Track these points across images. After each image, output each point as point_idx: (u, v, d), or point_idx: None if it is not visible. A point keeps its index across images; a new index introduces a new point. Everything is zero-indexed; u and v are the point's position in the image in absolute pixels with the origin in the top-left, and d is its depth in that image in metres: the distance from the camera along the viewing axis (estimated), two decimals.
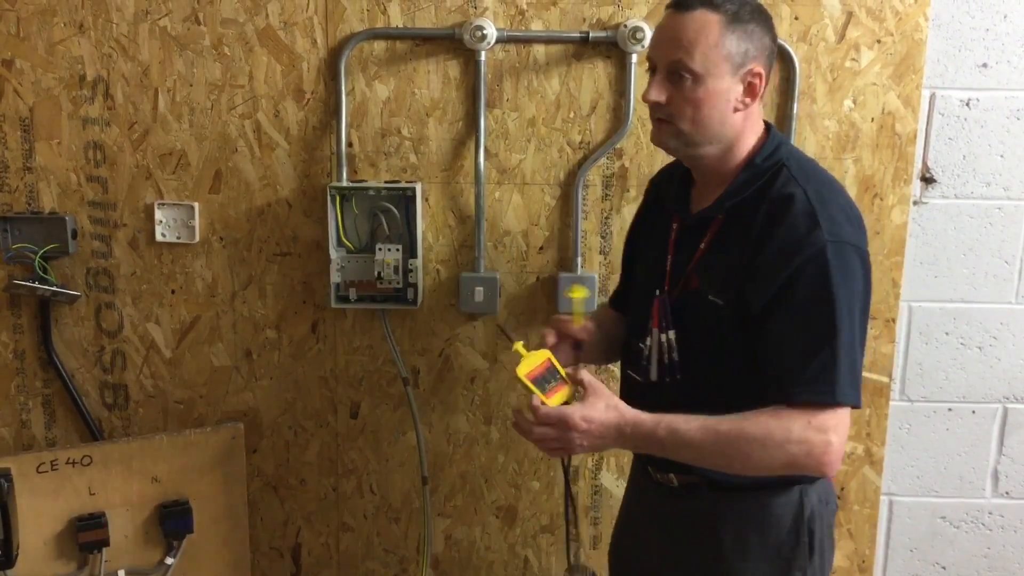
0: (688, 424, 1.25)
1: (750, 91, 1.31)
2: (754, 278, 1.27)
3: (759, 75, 1.30)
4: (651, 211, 1.56)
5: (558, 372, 1.33)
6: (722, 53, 1.27)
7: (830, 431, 1.22)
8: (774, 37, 1.34)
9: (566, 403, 1.32)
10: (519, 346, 1.35)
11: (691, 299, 1.36)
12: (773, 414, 1.23)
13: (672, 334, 1.38)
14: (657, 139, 1.37)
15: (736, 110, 1.31)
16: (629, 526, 1.63)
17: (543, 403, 1.30)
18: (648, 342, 1.41)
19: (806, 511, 1.38)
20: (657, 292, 1.41)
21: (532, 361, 1.33)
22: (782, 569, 1.39)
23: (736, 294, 1.29)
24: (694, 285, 1.36)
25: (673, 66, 1.29)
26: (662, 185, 1.54)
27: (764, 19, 1.31)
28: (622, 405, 1.29)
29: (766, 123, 1.39)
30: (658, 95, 1.31)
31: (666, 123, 1.33)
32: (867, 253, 1.28)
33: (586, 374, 1.33)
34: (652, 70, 1.33)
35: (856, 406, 1.25)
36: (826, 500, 1.42)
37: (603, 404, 1.28)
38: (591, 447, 1.29)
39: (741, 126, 1.33)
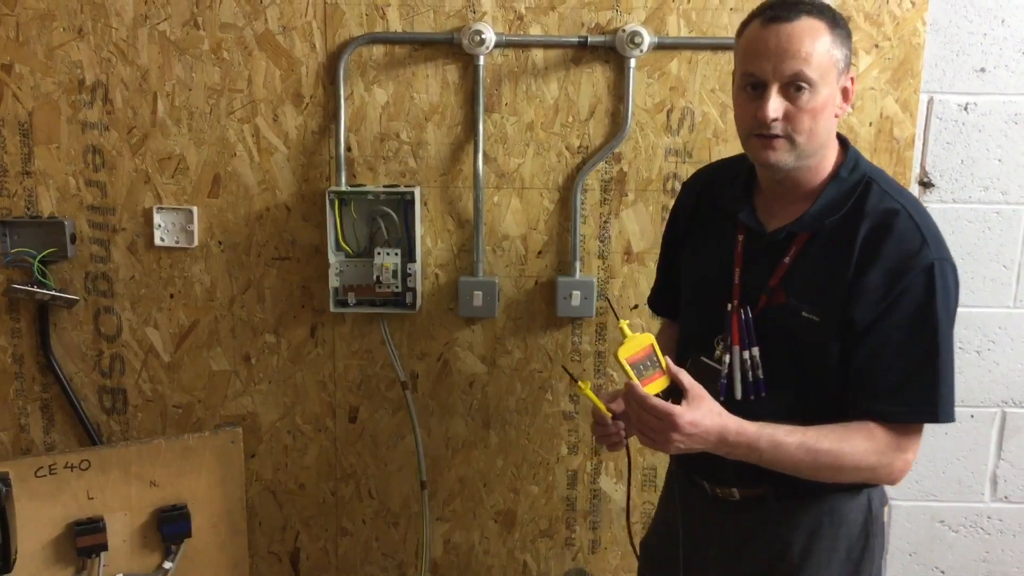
0: (789, 438, 1.25)
1: (845, 96, 1.29)
2: (861, 296, 1.25)
3: (853, 79, 1.29)
4: (699, 217, 1.49)
5: (658, 361, 1.29)
6: (832, 59, 1.24)
7: (910, 450, 1.27)
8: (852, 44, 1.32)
9: (659, 395, 1.28)
10: (624, 324, 1.30)
11: (779, 315, 1.32)
12: (868, 435, 1.25)
13: (755, 351, 1.34)
14: (769, 158, 1.27)
15: (835, 116, 1.28)
16: (672, 543, 1.52)
17: (646, 392, 1.26)
18: (727, 359, 1.36)
19: (873, 512, 1.39)
20: (729, 307, 1.36)
21: (635, 344, 1.28)
22: (851, 571, 1.39)
23: (839, 311, 1.27)
24: (780, 300, 1.32)
25: (791, 78, 1.23)
26: (711, 191, 1.47)
27: (847, 25, 1.29)
28: (725, 412, 1.27)
29: (840, 136, 1.36)
30: (776, 111, 1.24)
31: (779, 139, 1.26)
32: (957, 270, 1.29)
33: (686, 375, 1.28)
34: (755, 86, 1.26)
35: (952, 420, 1.28)
36: (883, 500, 1.43)
37: (707, 409, 1.26)
38: (686, 449, 1.26)
39: (833, 134, 1.31)
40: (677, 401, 1.26)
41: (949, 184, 1.92)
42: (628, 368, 1.27)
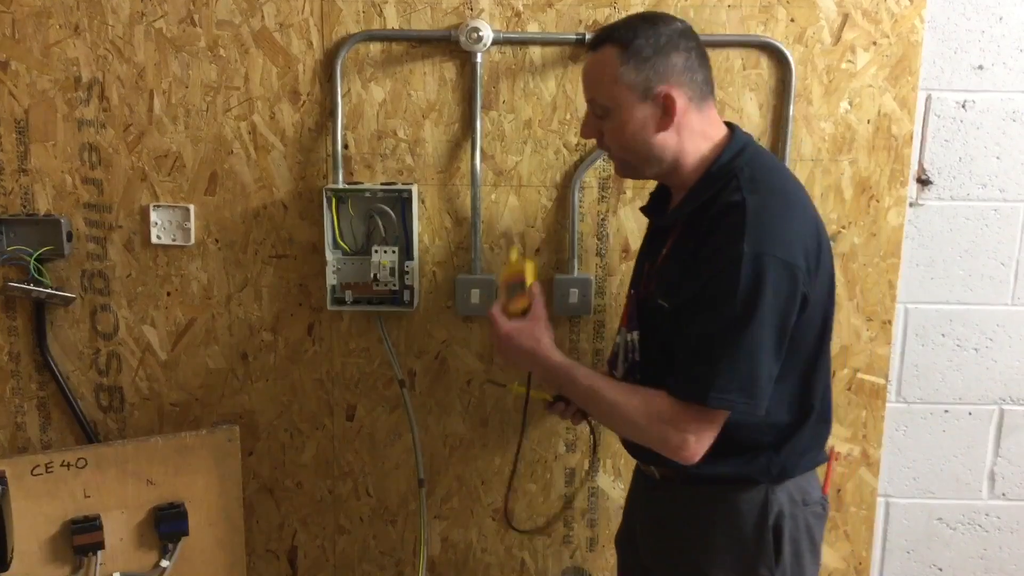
0: (583, 380, 1.39)
1: (667, 112, 1.35)
2: (683, 282, 1.34)
3: (669, 96, 1.34)
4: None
5: (524, 283, 1.49)
6: (623, 84, 1.34)
7: (688, 430, 1.30)
8: (689, 55, 1.35)
9: (524, 313, 1.48)
10: (514, 250, 1.54)
11: (647, 302, 1.44)
12: (649, 399, 1.34)
13: (635, 335, 1.47)
14: (616, 171, 1.49)
15: (660, 130, 1.36)
16: (626, 518, 1.72)
17: (498, 306, 1.50)
18: (618, 339, 1.52)
19: (772, 509, 1.40)
20: (632, 292, 1.52)
21: (513, 268, 1.51)
22: (747, 567, 1.42)
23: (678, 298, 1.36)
24: (651, 289, 1.44)
25: (590, 104, 1.41)
26: (654, 192, 1.60)
27: (671, 43, 1.34)
28: (545, 338, 1.44)
29: (732, 128, 1.42)
30: (587, 133, 1.44)
31: (614, 155, 1.44)
32: (798, 267, 1.28)
33: (538, 301, 1.48)
34: None
35: (739, 410, 1.29)
36: (802, 500, 1.43)
37: (531, 329, 1.44)
38: (509, 362, 1.51)
39: (676, 143, 1.38)
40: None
41: (947, 181, 1.92)
42: (502, 288, 1.49)
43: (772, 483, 1.41)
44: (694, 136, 1.38)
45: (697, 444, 1.31)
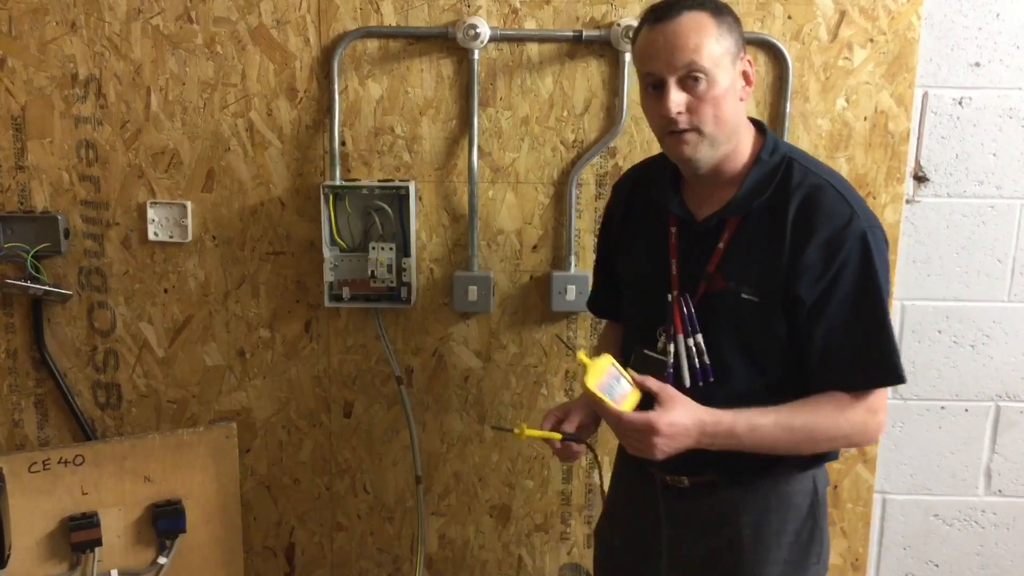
0: (763, 419, 1.29)
1: (746, 79, 1.33)
2: (802, 274, 1.29)
3: (750, 62, 1.33)
4: (632, 215, 1.52)
5: (624, 377, 1.31)
6: (722, 47, 1.28)
7: (881, 410, 1.32)
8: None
9: (637, 407, 1.31)
10: (582, 355, 1.30)
11: (720, 300, 1.35)
12: (837, 405, 1.30)
13: (699, 337, 1.37)
14: (684, 152, 1.32)
15: (741, 100, 1.33)
16: (624, 531, 1.57)
17: (619, 411, 1.28)
18: (672, 349, 1.39)
19: (819, 494, 1.42)
20: (669, 298, 1.38)
21: (598, 369, 1.29)
22: (800, 553, 1.41)
23: (779, 290, 1.30)
24: (720, 285, 1.35)
25: (685, 70, 1.27)
26: (642, 188, 1.51)
27: (732, 10, 1.34)
28: (698, 405, 1.30)
29: (752, 119, 1.40)
30: (678, 105, 1.28)
31: (690, 132, 1.30)
32: (885, 232, 1.33)
33: (653, 381, 1.31)
34: (655, 86, 1.31)
35: (905, 380, 1.32)
36: (826, 482, 1.46)
37: (681, 406, 1.29)
38: (672, 451, 1.28)
39: (743, 118, 1.35)
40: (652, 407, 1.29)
41: (944, 178, 1.92)
42: (601, 395, 1.28)
43: (817, 468, 1.42)
44: (746, 117, 1.37)
45: (885, 419, 1.34)
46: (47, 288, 1.88)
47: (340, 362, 1.97)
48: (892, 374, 1.31)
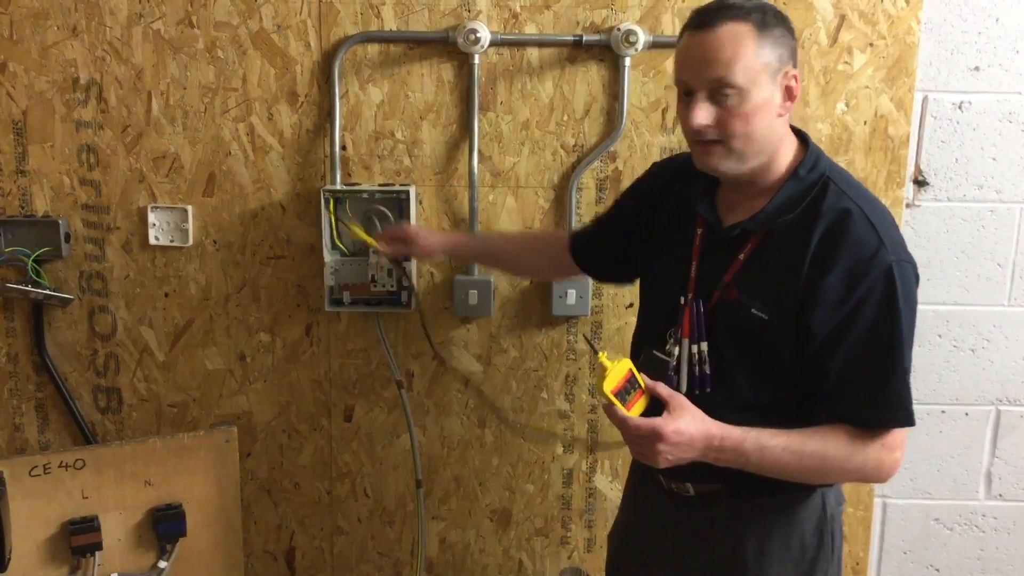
0: (774, 441, 1.26)
1: (789, 95, 1.28)
2: (818, 300, 1.25)
3: (795, 77, 1.28)
4: (665, 205, 1.48)
5: (637, 382, 1.30)
6: (761, 62, 1.23)
7: (898, 448, 1.28)
8: (795, 37, 1.30)
9: (645, 412, 1.30)
10: (604, 358, 1.29)
11: (730, 311, 1.33)
12: (852, 438, 1.26)
13: (704, 345, 1.35)
14: (707, 163, 1.30)
15: (779, 116, 1.28)
16: (632, 535, 1.58)
17: (626, 416, 1.27)
18: (677, 352, 1.37)
19: (828, 513, 1.39)
20: (682, 300, 1.37)
21: (616, 374, 1.28)
22: (806, 570, 1.39)
23: (791, 312, 1.27)
24: (732, 296, 1.33)
25: (715, 84, 1.24)
26: (679, 180, 1.46)
27: (786, 21, 1.28)
28: (707, 417, 1.28)
29: (801, 133, 1.36)
30: (705, 118, 1.25)
31: (716, 144, 1.27)
32: (915, 266, 1.28)
33: (663, 387, 1.30)
34: (687, 94, 1.28)
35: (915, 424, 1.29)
36: (839, 500, 1.43)
37: (689, 416, 1.27)
38: (675, 460, 1.27)
39: (782, 134, 1.31)
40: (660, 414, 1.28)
41: (943, 182, 1.93)
42: (615, 400, 1.27)
43: (827, 488, 1.39)
44: (788, 130, 1.33)
45: (902, 457, 1.29)
46: (48, 292, 1.88)
47: (340, 366, 1.97)
48: (907, 415, 1.27)
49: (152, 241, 1.90)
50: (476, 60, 1.81)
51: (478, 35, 1.79)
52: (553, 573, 2.06)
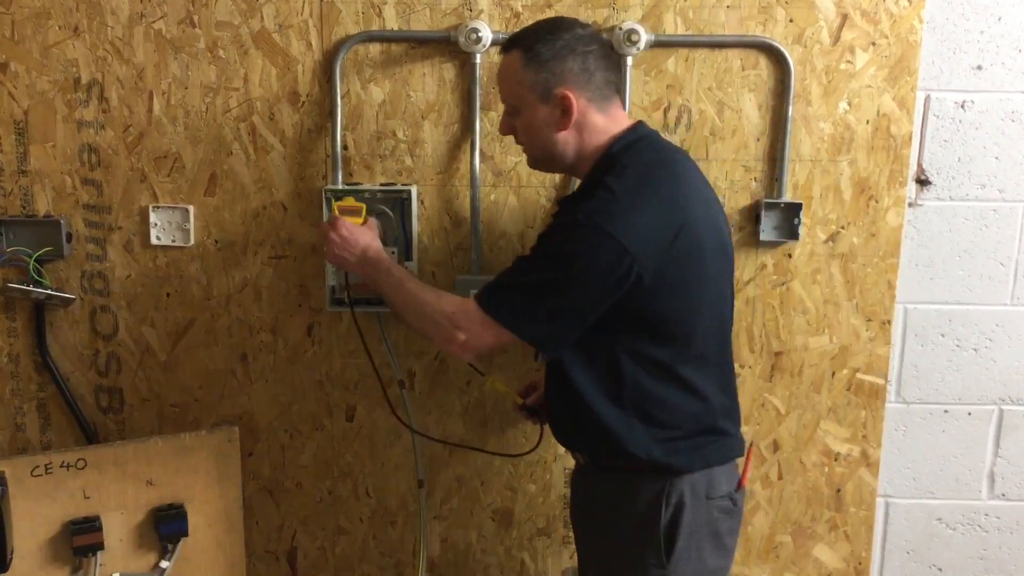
0: (397, 274, 1.57)
1: (566, 112, 1.45)
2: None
3: (567, 98, 1.44)
4: None
5: (360, 211, 1.70)
6: (528, 85, 1.46)
7: (462, 327, 1.45)
8: (587, 59, 1.45)
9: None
10: (362, 207, 1.72)
11: None
12: (450, 300, 1.50)
13: None
14: (528, 164, 1.59)
15: (560, 129, 1.46)
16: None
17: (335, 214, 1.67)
18: None
19: (670, 501, 1.43)
20: None
21: (347, 203, 1.71)
22: (636, 555, 1.46)
23: None
24: None
25: (505, 103, 1.53)
26: None
27: (567, 47, 1.44)
28: (378, 242, 1.64)
29: (638, 124, 1.50)
30: (503, 129, 1.56)
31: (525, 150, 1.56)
32: (628, 249, 1.34)
33: (372, 220, 1.72)
34: None
35: (507, 330, 1.42)
36: (706, 494, 1.46)
37: (371, 233, 1.65)
38: (339, 258, 1.62)
39: (577, 141, 1.48)
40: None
41: (946, 182, 1.92)
42: (336, 210, 1.68)
43: (673, 475, 1.44)
44: (596, 134, 1.47)
45: (467, 342, 1.45)
46: (49, 292, 1.88)
47: (342, 366, 1.97)
48: (486, 299, 1.43)
49: (154, 241, 1.90)
50: (478, 60, 1.81)
51: (480, 35, 1.79)
52: (555, 573, 2.06)
